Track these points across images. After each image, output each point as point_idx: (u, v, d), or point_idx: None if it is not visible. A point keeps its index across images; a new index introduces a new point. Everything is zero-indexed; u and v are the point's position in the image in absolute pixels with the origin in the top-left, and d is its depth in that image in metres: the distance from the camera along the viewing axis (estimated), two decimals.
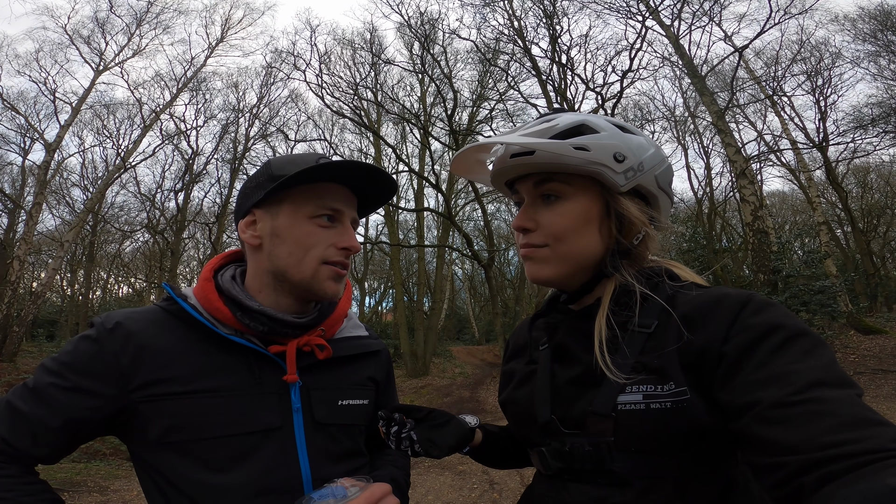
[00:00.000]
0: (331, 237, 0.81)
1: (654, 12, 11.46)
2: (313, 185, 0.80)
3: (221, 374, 0.75)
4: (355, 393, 0.87)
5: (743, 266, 16.05)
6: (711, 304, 0.63)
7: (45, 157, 13.62)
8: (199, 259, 24.67)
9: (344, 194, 0.83)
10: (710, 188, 19.75)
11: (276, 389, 0.78)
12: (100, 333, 0.74)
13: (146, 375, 0.73)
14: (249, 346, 0.77)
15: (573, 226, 0.71)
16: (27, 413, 0.71)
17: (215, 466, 0.73)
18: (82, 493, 4.89)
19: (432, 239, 22.10)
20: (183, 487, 0.72)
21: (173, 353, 0.75)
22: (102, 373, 0.72)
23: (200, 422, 0.73)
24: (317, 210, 0.80)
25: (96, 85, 15.10)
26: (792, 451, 0.47)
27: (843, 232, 20.85)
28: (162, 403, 0.73)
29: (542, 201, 0.74)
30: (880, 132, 13.75)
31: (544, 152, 0.69)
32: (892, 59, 13.96)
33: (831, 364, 0.53)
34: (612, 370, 0.64)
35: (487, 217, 15.87)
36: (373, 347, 0.93)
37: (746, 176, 9.67)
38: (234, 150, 18.63)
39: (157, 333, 0.75)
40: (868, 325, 11.26)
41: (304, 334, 0.81)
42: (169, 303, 0.80)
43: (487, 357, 19.95)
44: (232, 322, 0.77)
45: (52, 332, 21.94)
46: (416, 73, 15.74)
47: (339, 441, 0.83)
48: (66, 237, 13.46)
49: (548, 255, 0.73)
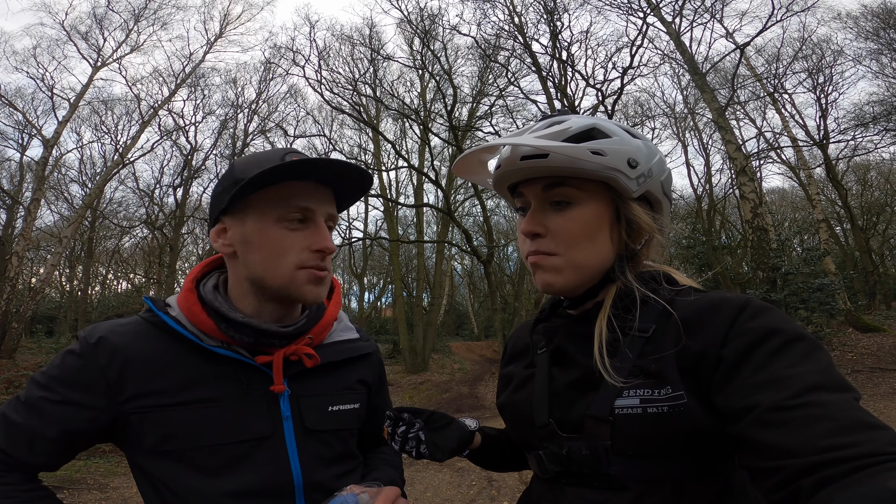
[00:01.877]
0: (304, 240, 0.77)
1: (655, 9, 11.41)
2: (279, 185, 0.76)
3: (209, 385, 0.75)
4: (345, 398, 0.87)
5: (742, 263, 16.07)
6: (709, 309, 0.63)
7: (43, 153, 13.56)
8: (199, 254, 24.67)
9: (315, 190, 0.78)
10: (709, 185, 19.78)
11: (265, 399, 0.78)
12: (83, 349, 0.74)
13: (134, 388, 0.73)
14: (236, 357, 0.76)
15: (587, 232, 0.70)
16: (21, 424, 0.72)
17: (210, 473, 0.73)
18: (82, 490, 4.92)
19: (432, 234, 22.12)
20: (179, 493, 0.73)
21: (160, 364, 0.74)
22: (90, 386, 0.73)
23: (192, 431, 0.73)
24: (285, 213, 0.76)
25: (94, 81, 15.06)
26: (789, 454, 0.47)
27: (843, 229, 20.88)
28: (153, 415, 0.73)
29: (551, 206, 0.72)
30: (881, 130, 13.72)
31: (559, 156, 0.67)
32: (894, 57, 13.91)
33: (829, 368, 0.53)
34: (611, 373, 0.64)
35: (487, 213, 15.86)
36: (363, 350, 0.92)
37: (746, 173, 9.66)
38: (232, 145, 18.59)
39: (143, 346, 0.75)
40: (866, 323, 11.28)
41: (292, 343, 0.80)
42: (151, 315, 0.79)
43: (486, 353, 20.02)
44: (217, 334, 0.76)
45: (50, 328, 21.95)
46: (415, 68, 15.71)
47: (330, 446, 0.83)
48: (65, 233, 13.43)
49: (560, 265, 0.70)
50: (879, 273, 18.51)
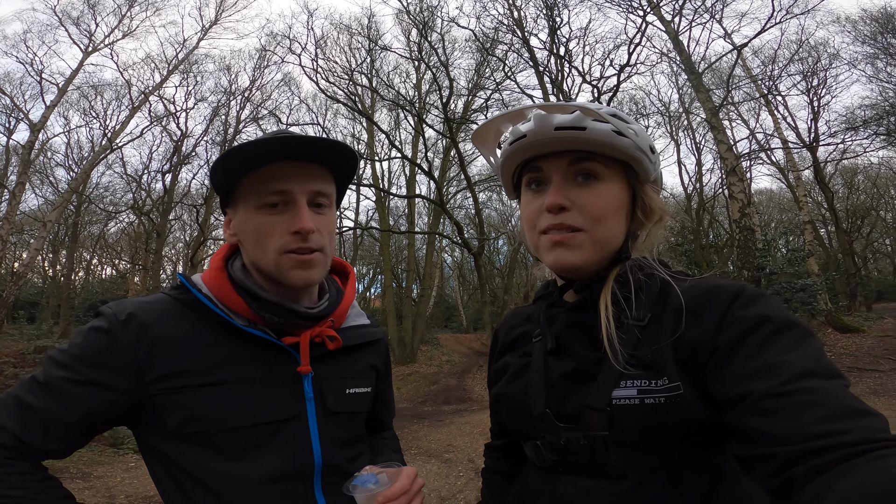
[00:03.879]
0: (283, 223, 0.75)
1: (655, 7, 11.42)
2: (257, 171, 0.74)
3: (237, 366, 0.74)
4: (360, 381, 0.88)
5: (728, 262, 16.28)
6: (704, 297, 0.64)
7: (30, 137, 13.26)
8: (186, 241, 24.36)
9: (293, 170, 0.75)
10: (700, 184, 19.94)
11: (290, 380, 0.78)
12: (112, 325, 0.71)
13: (162, 368, 0.71)
14: (264, 337, 0.76)
15: (612, 208, 0.70)
16: (38, 408, 0.68)
17: (232, 456, 0.73)
18: (65, 479, 4.84)
19: (423, 226, 22.07)
20: (200, 477, 0.72)
21: (188, 344, 0.73)
22: (117, 366, 0.70)
23: (218, 414, 0.72)
24: (261, 199, 0.74)
25: (85, 66, 14.76)
26: (782, 441, 0.48)
27: (828, 232, 21.24)
28: (178, 396, 0.71)
29: (574, 181, 0.70)
30: (871, 134, 13.92)
31: (597, 131, 0.67)
32: (890, 62, 14.04)
33: (820, 355, 0.54)
34: (618, 351, 0.64)
35: (479, 205, 15.84)
36: (374, 336, 0.94)
37: (736, 173, 9.77)
38: (224, 132, 18.30)
39: (171, 324, 0.73)
40: (846, 324, 11.52)
41: (316, 325, 0.81)
42: (180, 292, 0.77)
43: (475, 345, 20.08)
44: (246, 313, 0.76)
45: (33, 313, 21.57)
46: (412, 60, 15.55)
47: (346, 428, 0.84)
48: (49, 217, 13.18)
49: (583, 241, 0.69)
50: (861, 275, 18.87)
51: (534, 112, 0.69)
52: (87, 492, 4.59)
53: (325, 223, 0.78)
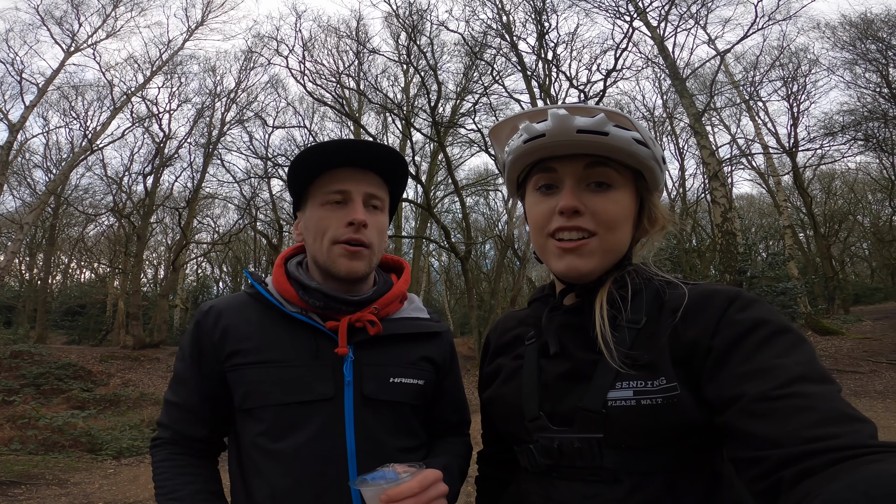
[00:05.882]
0: (341, 216, 0.86)
1: (642, 13, 11.61)
2: (323, 175, 0.87)
3: (286, 347, 0.84)
4: (408, 372, 0.89)
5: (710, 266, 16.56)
6: (701, 300, 0.64)
7: (8, 138, 12.95)
8: (168, 244, 23.90)
9: (351, 174, 0.87)
10: (682, 189, 20.28)
11: (331, 362, 0.84)
12: (198, 317, 0.88)
13: (230, 347, 0.85)
14: (310, 322, 0.85)
15: (624, 215, 0.70)
16: (175, 401, 0.87)
17: (275, 435, 0.81)
18: (40, 486, 4.68)
19: (410, 230, 22.00)
20: (251, 453, 0.82)
21: (249, 328, 0.86)
22: (204, 349, 0.86)
23: (264, 388, 0.82)
24: (325, 197, 0.87)
25: (66, 66, 14.45)
26: (773, 444, 0.47)
27: (806, 235, 21.74)
28: (241, 372, 0.84)
29: (587, 187, 0.70)
30: (849, 139, 14.30)
31: (619, 137, 0.67)
32: (868, 68, 14.43)
33: (813, 360, 0.54)
34: (613, 351, 0.63)
35: (466, 209, 15.86)
36: (432, 329, 0.96)
37: (718, 178, 9.95)
38: (208, 134, 18.05)
39: (239, 312, 0.88)
40: (825, 327, 11.79)
41: (358, 311, 0.87)
42: (250, 287, 0.92)
43: (462, 350, 19.97)
44: (296, 300, 0.87)
45: (9, 318, 20.96)
46: (401, 63, 15.56)
47: (387, 417, 0.86)
48: (26, 219, 12.84)
49: (594, 247, 0.69)
50: (839, 279, 19.34)
51: (552, 111, 0.68)
52: (64, 499, 4.41)
53: (376, 222, 0.89)
